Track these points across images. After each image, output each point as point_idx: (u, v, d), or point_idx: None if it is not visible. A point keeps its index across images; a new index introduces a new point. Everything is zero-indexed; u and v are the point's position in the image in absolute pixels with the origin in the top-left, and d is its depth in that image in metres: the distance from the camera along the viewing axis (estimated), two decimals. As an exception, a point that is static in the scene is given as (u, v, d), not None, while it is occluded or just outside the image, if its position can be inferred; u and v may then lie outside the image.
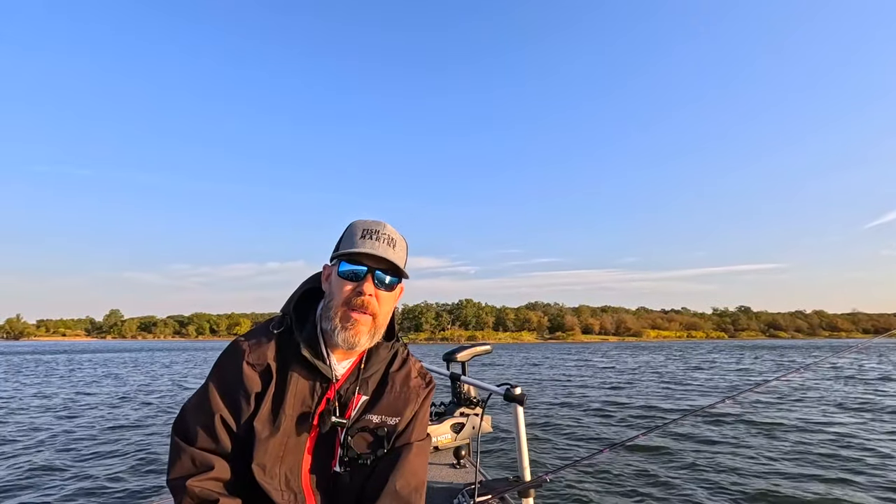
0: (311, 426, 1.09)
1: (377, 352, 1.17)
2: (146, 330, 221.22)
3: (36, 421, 9.78)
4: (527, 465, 1.90)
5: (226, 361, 1.10)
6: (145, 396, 13.98)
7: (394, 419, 1.15)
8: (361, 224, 1.12)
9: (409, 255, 1.17)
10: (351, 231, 1.11)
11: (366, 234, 1.09)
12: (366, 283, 1.07)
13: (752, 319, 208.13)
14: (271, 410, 1.06)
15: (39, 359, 37.19)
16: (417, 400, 1.19)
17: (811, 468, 6.35)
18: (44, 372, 23.60)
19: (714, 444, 7.70)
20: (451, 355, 2.79)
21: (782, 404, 11.69)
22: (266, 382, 1.07)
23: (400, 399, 1.17)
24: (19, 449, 7.42)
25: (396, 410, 1.16)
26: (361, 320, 1.07)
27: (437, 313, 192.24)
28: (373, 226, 1.11)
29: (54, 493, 5.42)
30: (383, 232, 1.10)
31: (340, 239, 1.14)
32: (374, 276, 1.08)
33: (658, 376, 20.91)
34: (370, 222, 1.12)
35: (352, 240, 1.09)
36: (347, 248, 1.08)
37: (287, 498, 1.06)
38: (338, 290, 1.09)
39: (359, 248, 1.06)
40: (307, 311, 1.17)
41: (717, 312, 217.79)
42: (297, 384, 1.08)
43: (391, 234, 1.11)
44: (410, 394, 1.19)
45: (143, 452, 7.19)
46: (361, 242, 1.07)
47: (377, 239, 1.08)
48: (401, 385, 1.19)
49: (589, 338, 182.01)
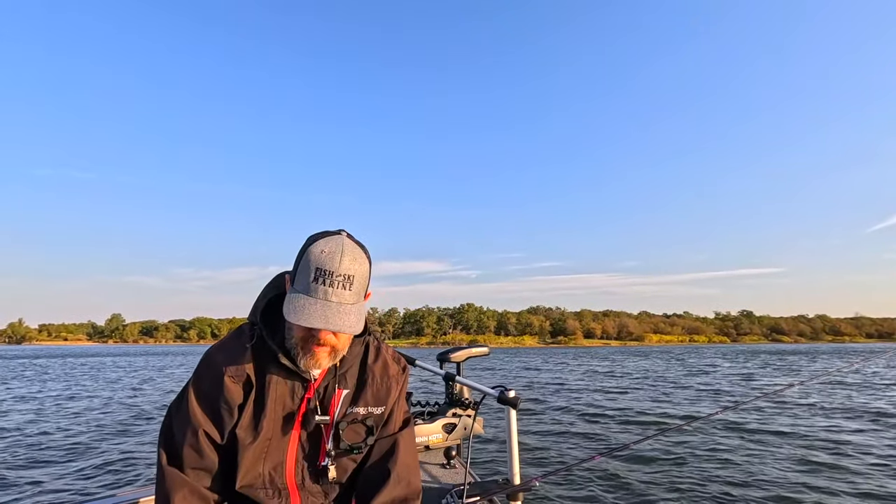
0: (294, 426, 1.14)
1: (350, 348, 1.18)
2: (148, 334, 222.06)
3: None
4: (517, 469, 1.89)
5: (205, 375, 1.12)
6: (130, 400, 13.92)
7: (379, 408, 1.22)
8: (315, 259, 1.00)
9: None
10: (306, 265, 1.01)
11: (318, 277, 0.99)
12: (321, 332, 1.04)
13: (755, 324, 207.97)
14: (252, 417, 1.10)
15: (38, 362, 37.24)
16: (398, 386, 1.27)
17: (810, 478, 6.25)
18: (35, 376, 23.58)
19: (708, 454, 7.62)
20: (446, 355, 2.77)
21: (785, 412, 11.59)
22: (247, 392, 1.10)
23: (382, 389, 1.24)
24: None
25: (380, 400, 1.23)
26: (319, 352, 1.08)
27: (438, 317, 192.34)
28: (327, 262, 1.00)
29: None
30: (338, 273, 1.00)
31: (297, 264, 1.05)
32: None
33: (656, 382, 20.80)
34: (326, 255, 1.00)
35: (305, 280, 1.01)
36: (297, 290, 1.01)
37: (271, 495, 1.11)
38: (294, 326, 1.06)
39: (312, 296, 0.99)
40: (276, 316, 1.12)
41: (719, 317, 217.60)
42: (276, 388, 1.11)
43: (347, 271, 1.01)
44: (391, 382, 1.26)
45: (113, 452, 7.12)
46: (315, 289, 0.99)
47: (331, 284, 0.99)
48: (380, 376, 1.24)
49: (591, 342, 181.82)
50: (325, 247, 1.02)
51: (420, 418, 2.55)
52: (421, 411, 2.76)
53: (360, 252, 1.07)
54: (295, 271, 1.06)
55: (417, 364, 2.27)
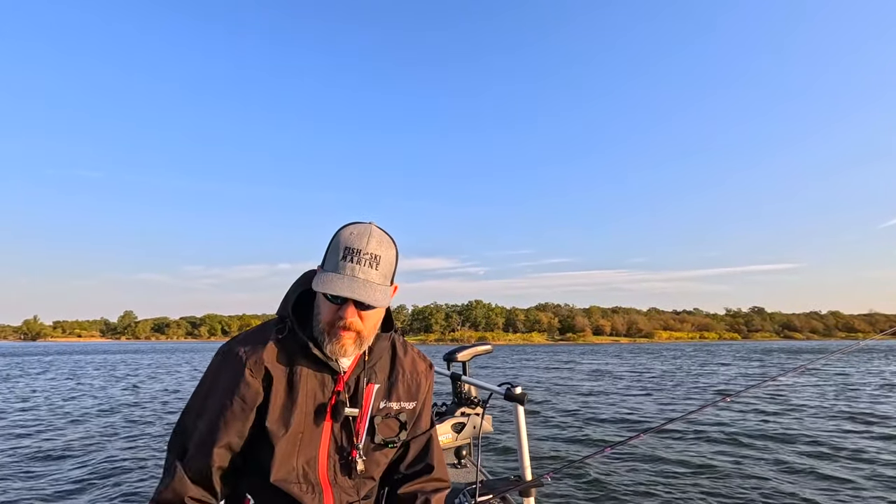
0: (325, 419, 1.13)
1: (378, 342, 1.20)
2: (159, 331, 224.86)
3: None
4: (528, 465, 1.88)
5: (224, 369, 1.10)
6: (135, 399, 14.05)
7: (411, 404, 1.24)
8: (345, 240, 1.07)
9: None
10: (335, 246, 1.08)
11: (347, 255, 1.05)
12: (347, 309, 1.06)
13: (766, 320, 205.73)
14: (283, 410, 1.09)
15: (56, 359, 37.80)
16: (426, 382, 1.30)
17: (821, 476, 6.16)
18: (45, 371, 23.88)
19: (718, 445, 7.55)
20: (452, 355, 2.83)
21: (790, 408, 11.45)
22: (268, 386, 1.09)
23: (413, 384, 1.26)
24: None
25: (412, 395, 1.25)
26: (346, 336, 1.08)
27: (446, 314, 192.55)
28: (356, 242, 1.06)
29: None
30: (365, 251, 1.05)
31: (327, 249, 1.11)
32: (355, 301, 1.06)
33: (663, 377, 20.62)
34: (354, 236, 1.07)
35: (334, 259, 1.06)
36: (327, 269, 1.07)
37: (305, 489, 1.10)
38: (322, 308, 1.10)
39: (339, 272, 1.04)
40: (306, 309, 1.16)
41: (730, 313, 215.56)
42: (307, 381, 1.11)
43: (374, 251, 1.07)
44: (420, 378, 1.28)
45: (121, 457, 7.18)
46: (342, 266, 1.04)
47: (358, 261, 1.04)
48: (411, 371, 1.26)
49: (600, 339, 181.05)
50: (354, 229, 1.09)
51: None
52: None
53: (388, 239, 1.12)
54: (324, 259, 1.11)
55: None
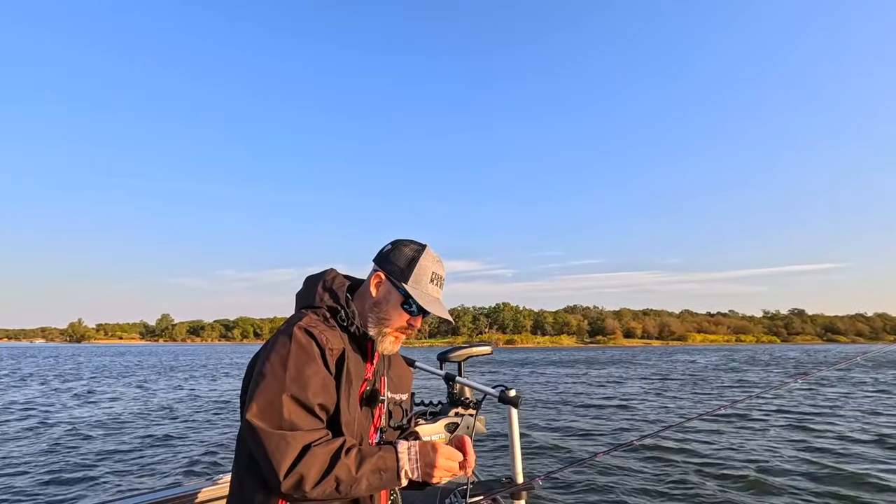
0: (366, 404, 1.27)
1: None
2: (195, 333, 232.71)
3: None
4: (519, 468, 1.87)
5: (306, 348, 1.14)
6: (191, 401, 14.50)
7: (405, 396, 1.44)
8: (431, 266, 1.29)
9: (441, 258, 1.35)
10: (424, 268, 1.28)
11: (434, 280, 1.29)
12: (420, 320, 1.31)
13: (807, 323, 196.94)
14: (348, 392, 1.20)
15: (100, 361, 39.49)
16: (411, 377, 1.51)
17: (822, 481, 5.96)
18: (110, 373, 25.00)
19: (712, 452, 7.46)
20: (446, 355, 2.77)
21: (792, 413, 11.08)
22: (340, 367, 1.20)
23: (405, 378, 1.47)
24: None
25: (405, 388, 1.45)
26: (402, 338, 1.32)
27: (474, 317, 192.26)
28: (439, 269, 1.31)
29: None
30: (443, 277, 1.32)
31: (409, 264, 1.27)
32: (426, 315, 1.32)
33: (670, 380, 20.04)
34: (437, 263, 1.31)
35: (423, 281, 1.27)
36: (419, 288, 1.27)
37: None
38: (394, 315, 1.28)
39: (430, 294, 1.28)
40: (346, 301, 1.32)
41: (767, 315, 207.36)
42: (356, 367, 1.24)
43: (444, 275, 1.34)
44: (406, 372, 1.49)
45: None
46: (432, 289, 1.29)
47: (439, 285, 1.31)
48: (401, 366, 1.47)
49: (631, 342, 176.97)
50: (433, 256, 1.32)
51: (422, 418, 2.55)
52: (423, 411, 2.75)
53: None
54: (398, 268, 1.27)
55: (417, 365, 2.25)
